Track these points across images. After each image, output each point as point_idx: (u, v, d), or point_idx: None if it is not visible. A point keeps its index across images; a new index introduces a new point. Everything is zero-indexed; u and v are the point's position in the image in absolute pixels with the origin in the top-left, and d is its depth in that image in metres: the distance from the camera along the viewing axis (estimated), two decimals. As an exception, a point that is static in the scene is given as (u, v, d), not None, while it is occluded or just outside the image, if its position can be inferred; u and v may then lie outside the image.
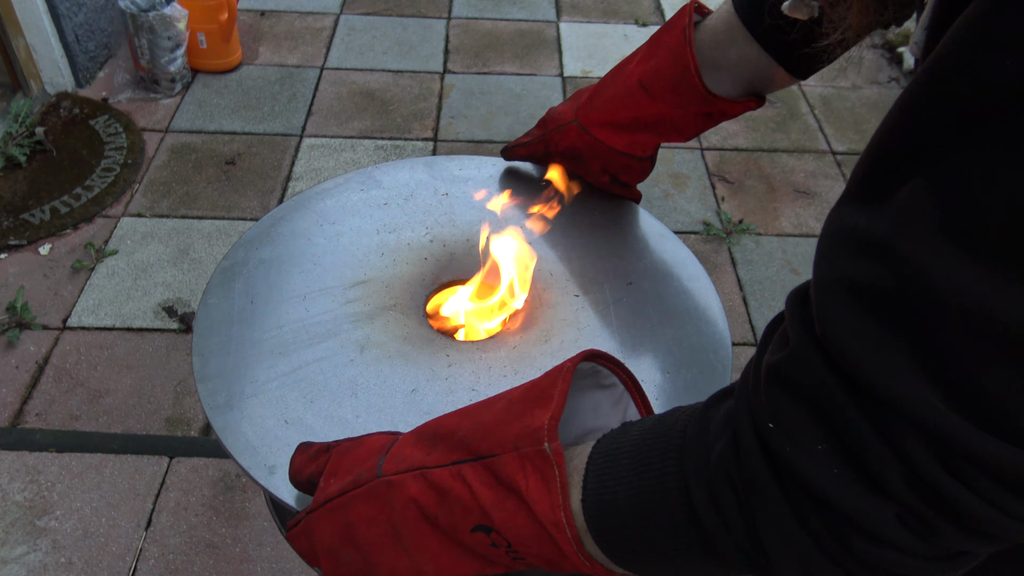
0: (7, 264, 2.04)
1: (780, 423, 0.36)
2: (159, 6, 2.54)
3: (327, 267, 0.83)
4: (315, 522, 0.55)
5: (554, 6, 3.34)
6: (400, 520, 0.50)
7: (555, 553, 0.45)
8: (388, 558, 0.52)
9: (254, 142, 2.50)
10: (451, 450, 0.49)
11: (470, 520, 0.47)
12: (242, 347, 0.74)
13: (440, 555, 0.50)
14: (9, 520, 1.50)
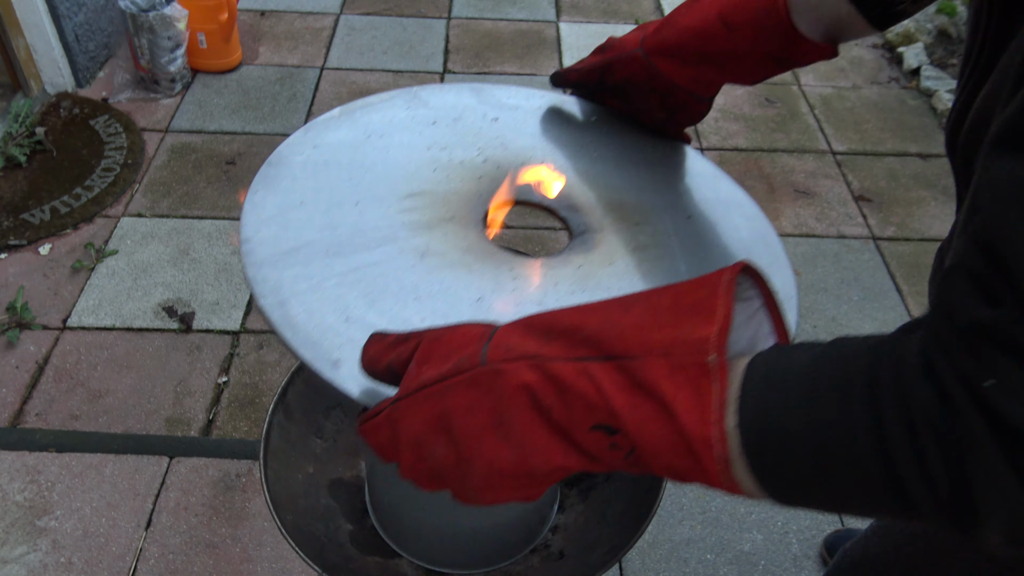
0: (7, 264, 2.04)
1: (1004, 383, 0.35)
2: (159, 6, 2.54)
3: (378, 177, 0.80)
4: (404, 409, 0.52)
5: (554, 6, 3.34)
6: (507, 408, 0.48)
7: (690, 468, 0.44)
8: (487, 448, 0.50)
9: (254, 142, 2.50)
10: (574, 346, 0.47)
11: (592, 419, 0.46)
12: (294, 245, 0.71)
13: (546, 448, 0.48)
14: (9, 520, 1.50)
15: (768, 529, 1.56)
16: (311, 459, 1.50)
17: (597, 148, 0.87)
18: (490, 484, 0.54)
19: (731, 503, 1.59)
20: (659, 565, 1.49)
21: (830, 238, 2.28)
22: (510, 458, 0.50)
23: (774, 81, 2.94)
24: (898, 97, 2.89)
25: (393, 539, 1.44)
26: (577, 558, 1.40)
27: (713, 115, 2.75)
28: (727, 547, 1.53)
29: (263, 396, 1.77)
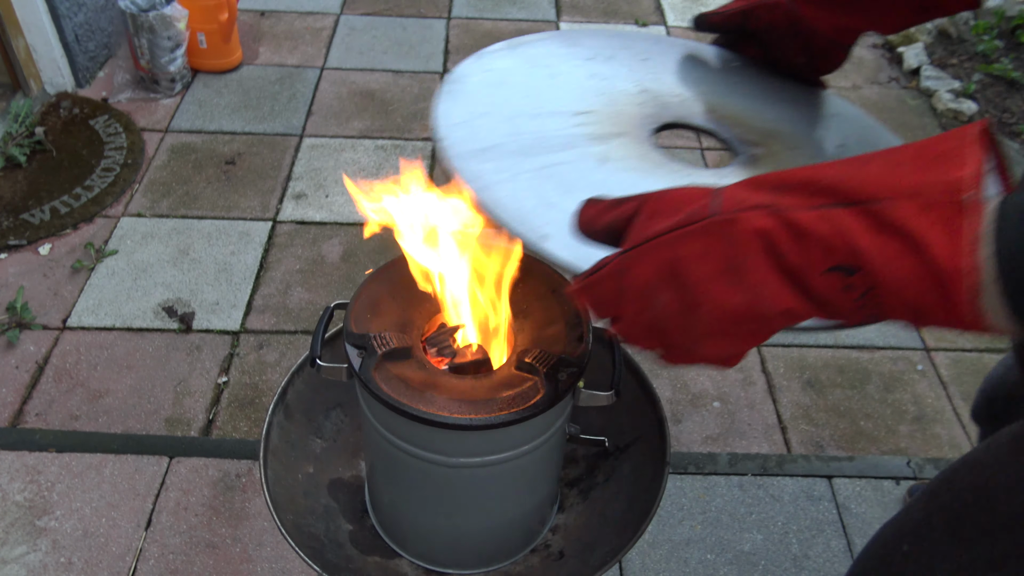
0: (7, 264, 2.04)
1: None
2: (159, 6, 2.54)
3: (549, 97, 0.89)
4: (633, 259, 0.54)
5: (554, 6, 3.34)
6: (740, 254, 0.50)
7: (932, 303, 0.46)
8: (717, 293, 0.52)
9: (254, 142, 2.50)
10: (811, 195, 0.48)
11: (829, 261, 0.48)
12: (486, 145, 0.80)
13: (777, 292, 0.50)
14: (9, 520, 1.51)
15: (768, 529, 1.56)
16: (311, 459, 1.50)
17: (744, 87, 0.92)
18: (715, 330, 0.55)
19: (731, 503, 1.59)
20: (659, 565, 1.49)
21: (830, 238, 2.28)
22: (740, 302, 0.51)
23: (774, 81, 2.94)
24: (898, 97, 2.89)
25: (393, 539, 1.44)
26: (577, 558, 1.40)
27: (713, 115, 2.75)
28: (727, 547, 1.53)
29: (263, 396, 1.77)
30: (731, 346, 0.57)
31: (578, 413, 1.57)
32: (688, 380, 1.86)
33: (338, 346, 1.53)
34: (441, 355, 1.23)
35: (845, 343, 1.96)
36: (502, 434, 1.12)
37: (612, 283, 0.56)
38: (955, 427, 1.78)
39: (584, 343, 1.17)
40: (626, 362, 1.51)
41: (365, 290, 1.25)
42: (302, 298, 2.00)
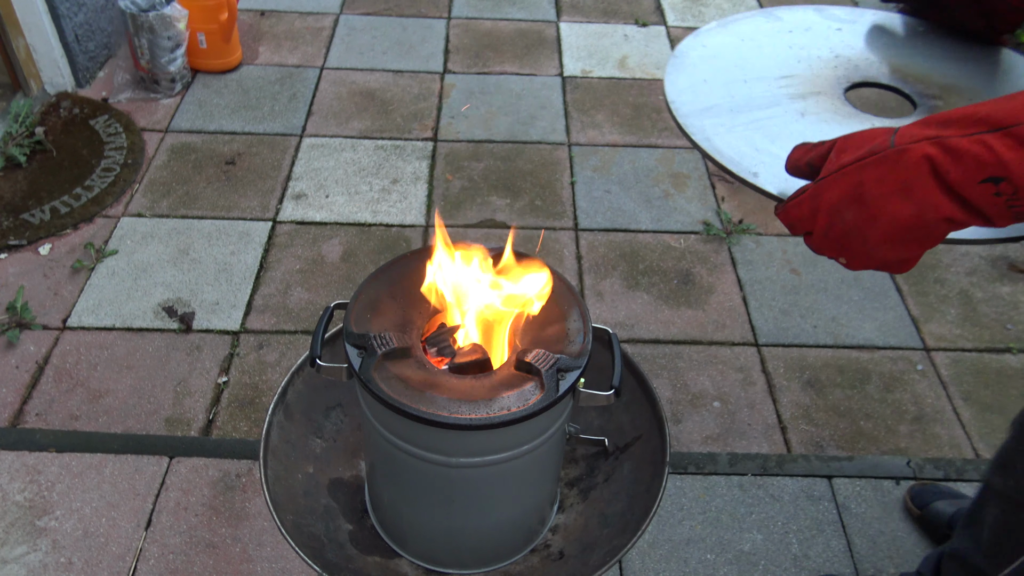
0: (7, 264, 2.04)
1: None
2: (159, 6, 2.54)
3: (756, 65, 1.11)
4: (827, 184, 0.71)
5: (554, 6, 3.34)
6: (911, 176, 0.66)
7: None
8: (892, 206, 0.68)
9: (254, 142, 2.50)
10: (968, 126, 0.63)
11: (982, 174, 0.62)
12: (707, 105, 1.03)
13: (940, 203, 0.65)
14: (9, 520, 1.51)
15: (768, 529, 1.56)
16: (311, 459, 1.50)
17: (927, 49, 1.09)
18: (890, 237, 0.71)
19: (731, 503, 1.59)
20: (659, 565, 1.49)
21: (830, 238, 2.29)
22: (911, 212, 0.67)
23: (774, 81, 2.94)
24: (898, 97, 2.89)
25: (393, 539, 1.44)
26: (577, 558, 1.40)
27: (713, 115, 2.75)
28: (727, 547, 1.53)
29: (263, 396, 1.77)
30: (905, 251, 0.73)
31: (578, 413, 1.57)
32: (688, 380, 1.86)
33: (338, 346, 1.53)
34: (441, 355, 1.23)
35: (845, 343, 1.96)
36: (502, 434, 1.12)
37: (809, 204, 0.72)
38: (955, 427, 1.78)
39: (584, 343, 1.17)
40: (626, 362, 1.51)
41: (365, 290, 1.26)
42: (302, 298, 2.00)
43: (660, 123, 2.70)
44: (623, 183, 2.43)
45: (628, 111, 2.75)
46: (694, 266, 2.16)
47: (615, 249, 2.20)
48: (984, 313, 2.07)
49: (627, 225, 2.28)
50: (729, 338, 1.97)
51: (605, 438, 1.52)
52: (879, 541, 1.55)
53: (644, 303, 2.05)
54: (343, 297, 2.01)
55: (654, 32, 3.21)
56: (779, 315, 2.04)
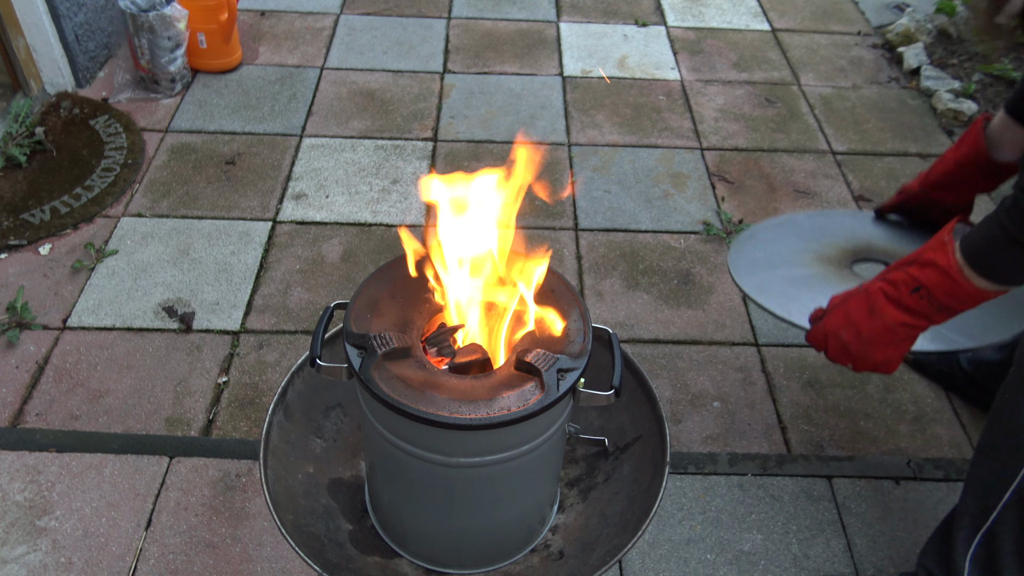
0: (7, 264, 2.04)
1: None
2: (159, 6, 2.54)
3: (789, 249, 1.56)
4: (828, 317, 1.24)
5: (554, 6, 3.34)
6: (873, 301, 1.16)
7: (950, 283, 1.07)
8: (867, 324, 1.17)
9: (254, 142, 2.50)
10: (900, 266, 1.14)
11: (910, 287, 1.11)
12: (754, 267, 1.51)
13: (892, 313, 1.14)
14: (9, 520, 1.51)
15: (768, 529, 1.56)
16: (311, 459, 1.50)
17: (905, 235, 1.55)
18: (871, 344, 1.18)
19: (731, 503, 1.59)
20: (659, 565, 1.49)
21: (830, 238, 2.29)
22: (879, 324, 1.16)
23: (774, 81, 2.94)
24: (898, 97, 2.89)
25: (393, 539, 1.44)
26: (577, 558, 1.40)
27: (713, 115, 2.75)
28: (727, 547, 1.53)
29: (263, 396, 1.77)
30: (885, 353, 1.19)
31: (578, 413, 1.57)
32: (688, 380, 1.86)
33: (338, 346, 1.53)
34: (441, 355, 1.23)
35: (845, 343, 1.96)
36: (502, 434, 1.12)
37: (819, 331, 1.25)
38: (955, 427, 1.78)
39: (584, 343, 1.17)
40: (626, 362, 1.51)
41: (365, 290, 1.26)
42: (302, 298, 2.00)
43: (660, 123, 2.70)
44: (623, 183, 2.43)
45: (628, 111, 2.75)
46: (694, 266, 2.16)
47: (615, 249, 2.20)
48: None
49: (627, 225, 2.28)
50: (729, 338, 1.97)
51: (605, 438, 1.52)
52: (879, 541, 1.55)
53: (644, 303, 2.05)
54: (343, 297, 2.01)
55: (654, 32, 3.21)
56: (779, 315, 2.04)
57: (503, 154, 2.52)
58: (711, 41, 3.17)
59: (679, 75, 2.95)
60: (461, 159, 2.49)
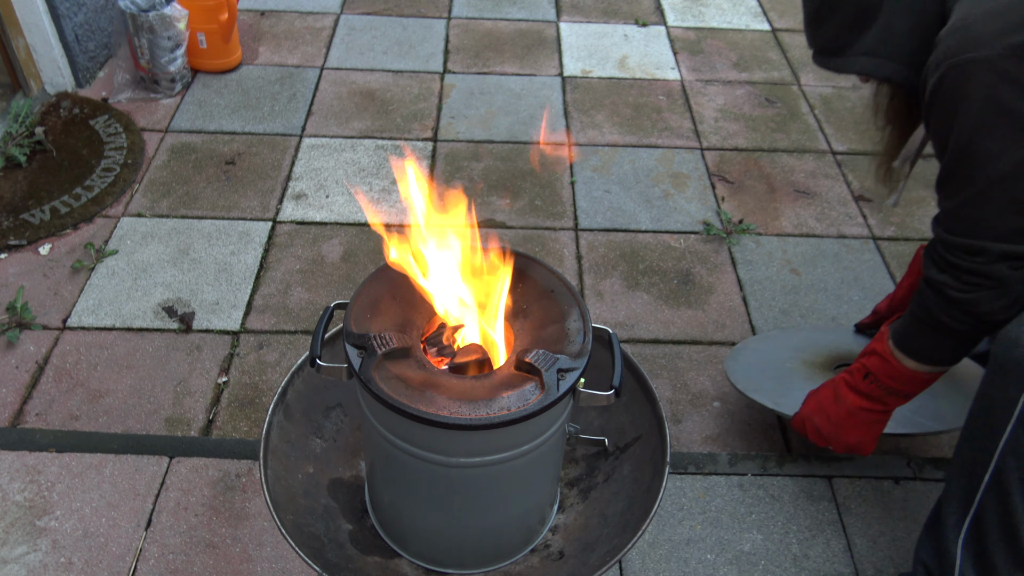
0: (7, 264, 2.04)
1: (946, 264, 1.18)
2: (159, 6, 2.54)
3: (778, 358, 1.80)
4: (804, 404, 1.49)
5: (554, 6, 3.34)
6: (838, 390, 1.41)
7: (889, 367, 1.31)
8: (834, 409, 1.42)
9: (254, 142, 2.50)
10: (857, 359, 1.39)
11: (862, 373, 1.36)
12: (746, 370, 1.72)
13: (852, 398, 1.39)
14: (9, 520, 1.51)
15: (768, 529, 1.56)
16: (311, 459, 1.50)
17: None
18: (841, 426, 1.42)
19: (731, 503, 1.59)
20: (659, 565, 1.49)
21: (830, 238, 2.29)
22: (844, 409, 1.40)
23: (774, 81, 2.94)
24: (898, 97, 2.89)
25: (393, 539, 1.44)
26: (577, 558, 1.40)
27: (713, 115, 2.75)
28: (727, 547, 1.53)
29: (263, 396, 1.77)
30: (855, 435, 1.42)
31: (578, 413, 1.57)
32: (688, 380, 1.86)
33: (338, 346, 1.53)
34: (441, 355, 1.23)
35: (845, 343, 1.96)
36: (502, 434, 1.12)
37: (799, 418, 1.50)
38: (955, 427, 1.78)
39: (584, 343, 1.17)
40: (626, 362, 1.51)
41: (365, 290, 1.26)
42: (302, 298, 2.00)
43: (660, 123, 2.70)
44: (623, 183, 2.43)
45: (628, 111, 2.75)
46: (694, 266, 2.16)
47: (615, 249, 2.20)
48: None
49: (627, 225, 2.28)
50: (729, 338, 1.97)
51: (605, 438, 1.53)
52: (879, 541, 1.55)
53: (644, 303, 2.05)
54: (343, 297, 2.01)
55: (654, 32, 3.21)
56: (779, 315, 2.04)
57: (503, 154, 2.52)
58: (711, 41, 3.17)
59: (679, 75, 2.95)
60: (461, 159, 2.49)
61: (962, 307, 1.16)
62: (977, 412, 1.20)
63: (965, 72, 1.03)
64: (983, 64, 1.01)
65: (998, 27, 1.02)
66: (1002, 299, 1.13)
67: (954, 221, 1.14)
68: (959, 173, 1.09)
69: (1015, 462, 1.12)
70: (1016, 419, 1.11)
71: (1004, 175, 1.04)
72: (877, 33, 1.18)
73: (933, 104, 1.09)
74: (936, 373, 1.30)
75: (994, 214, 1.08)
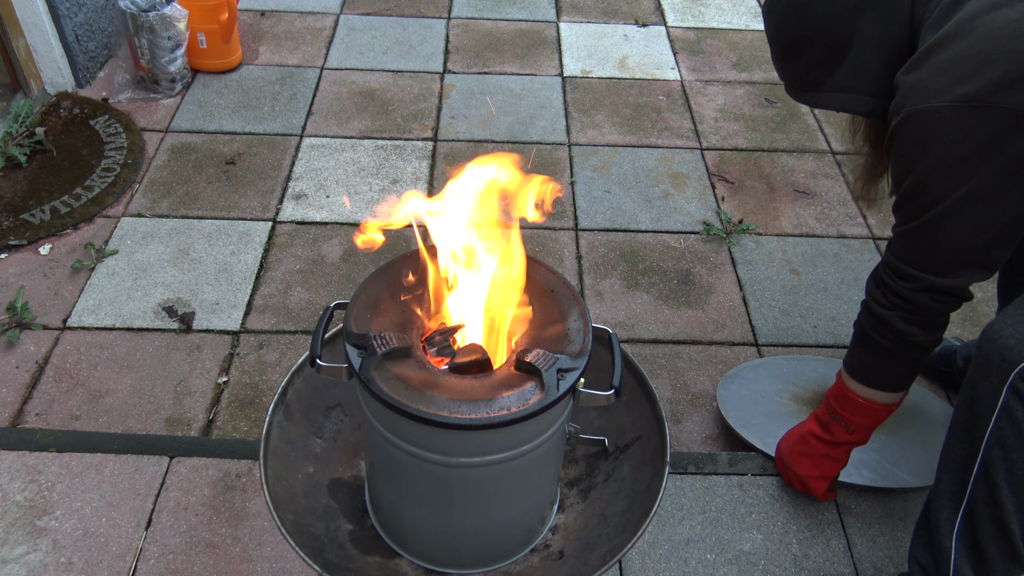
0: (7, 264, 2.04)
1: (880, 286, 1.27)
2: (159, 6, 2.54)
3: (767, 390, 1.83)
4: (779, 449, 1.58)
5: (554, 6, 3.34)
6: (806, 431, 1.48)
7: (839, 390, 1.39)
8: (793, 433, 1.54)
9: (254, 142, 2.50)
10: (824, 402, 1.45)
11: (828, 415, 1.42)
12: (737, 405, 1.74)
13: (808, 424, 1.48)
14: (9, 520, 1.51)
15: (768, 529, 1.56)
16: (311, 459, 1.50)
17: None
18: (793, 454, 1.52)
19: (731, 503, 1.59)
20: (659, 565, 1.49)
21: (830, 238, 2.29)
22: (796, 433, 1.53)
23: (774, 81, 2.94)
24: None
25: (393, 539, 1.44)
26: (577, 558, 1.40)
27: (713, 115, 2.75)
28: (727, 547, 1.53)
29: (263, 396, 1.77)
30: (804, 465, 1.51)
31: (578, 413, 1.57)
32: (688, 380, 1.86)
33: (338, 346, 1.53)
34: (441, 355, 1.23)
35: (845, 343, 1.96)
36: (502, 434, 1.12)
37: (778, 459, 1.60)
38: (955, 427, 1.78)
39: (584, 343, 1.17)
40: (626, 362, 1.51)
41: (365, 290, 1.26)
42: (302, 298, 2.00)
43: (660, 123, 2.70)
44: (623, 183, 2.43)
45: (628, 111, 2.75)
46: (694, 266, 2.16)
47: (615, 249, 2.20)
48: (984, 313, 2.08)
49: (627, 225, 2.28)
50: (729, 338, 1.97)
51: (605, 438, 1.53)
52: (879, 541, 1.55)
53: (644, 303, 2.05)
54: (343, 297, 2.01)
55: (654, 32, 3.21)
56: (779, 315, 2.04)
57: (503, 154, 2.52)
58: (711, 41, 3.17)
59: (679, 75, 2.95)
60: (461, 159, 2.49)
61: (881, 323, 1.24)
62: (963, 405, 1.21)
63: (920, 122, 1.09)
64: (935, 115, 1.07)
65: (949, 78, 1.06)
66: (914, 324, 1.22)
67: (899, 245, 1.21)
68: (909, 206, 1.16)
69: (1000, 452, 1.15)
70: (1000, 409, 1.14)
71: (944, 215, 1.11)
72: (849, 69, 1.23)
73: (892, 145, 1.16)
74: (880, 405, 1.35)
75: (931, 248, 1.16)
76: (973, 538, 1.21)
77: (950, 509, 1.24)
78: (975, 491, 1.19)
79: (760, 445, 1.64)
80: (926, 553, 1.30)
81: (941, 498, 1.25)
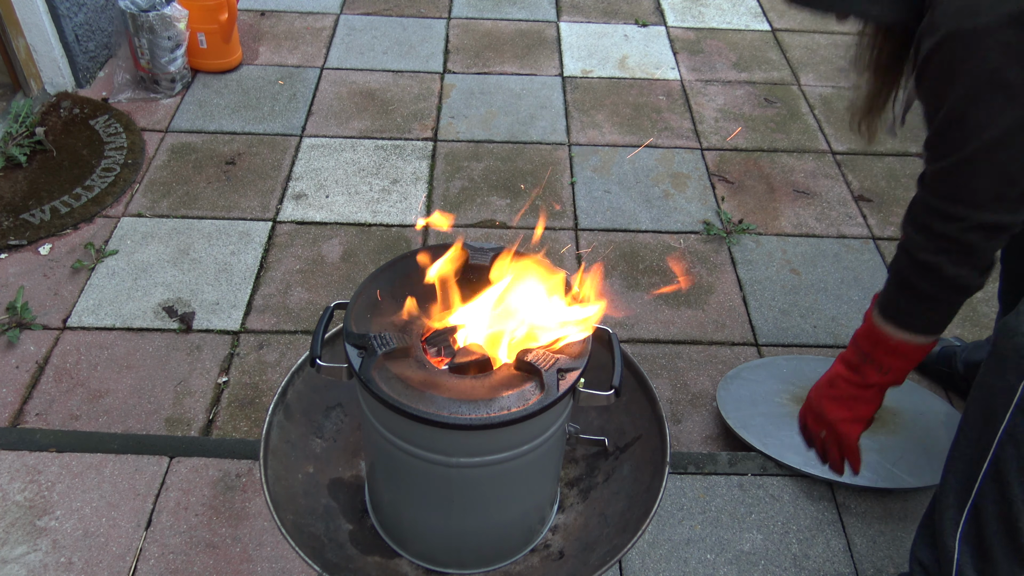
0: (7, 264, 2.04)
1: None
2: (159, 6, 2.54)
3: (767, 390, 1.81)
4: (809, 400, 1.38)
5: (554, 6, 3.34)
6: (834, 374, 1.33)
7: (869, 329, 1.25)
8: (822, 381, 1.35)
9: (254, 142, 2.50)
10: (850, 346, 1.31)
11: (859, 357, 1.28)
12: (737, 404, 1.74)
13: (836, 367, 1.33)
14: (9, 520, 1.51)
15: (768, 529, 1.56)
16: (311, 459, 1.50)
17: None
18: (823, 397, 1.35)
19: (731, 503, 1.59)
20: (659, 565, 1.49)
21: (830, 238, 2.29)
22: (826, 378, 1.35)
23: (774, 81, 2.94)
24: (898, 97, 2.89)
25: (393, 539, 1.44)
26: (577, 558, 1.40)
27: (713, 115, 2.75)
28: (727, 547, 1.53)
29: (263, 396, 1.77)
30: (834, 409, 1.34)
31: (578, 413, 1.57)
32: (688, 380, 1.86)
33: (338, 346, 1.53)
34: (441, 355, 1.23)
35: (844, 343, 1.96)
36: (502, 434, 1.12)
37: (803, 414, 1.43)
38: (955, 427, 1.78)
39: (584, 343, 1.17)
40: (626, 362, 1.51)
41: (365, 290, 1.26)
42: (302, 298, 2.00)
43: (660, 123, 2.70)
44: (623, 183, 2.43)
45: (628, 111, 2.75)
46: (694, 266, 2.16)
47: (615, 249, 2.20)
48: (984, 313, 2.08)
49: (627, 225, 2.28)
50: (729, 338, 1.97)
51: (605, 438, 1.53)
52: (879, 541, 1.55)
53: (644, 303, 2.05)
54: (343, 297, 2.01)
55: (654, 32, 3.21)
56: (779, 315, 2.04)
57: (503, 154, 2.52)
58: (711, 41, 3.17)
59: (679, 75, 2.95)
60: (461, 159, 2.49)
61: (928, 269, 1.14)
62: (975, 404, 1.19)
63: (963, 42, 1.00)
64: (981, 35, 0.98)
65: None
66: (965, 266, 1.12)
67: (938, 183, 1.11)
68: (948, 138, 1.06)
69: (1014, 450, 1.13)
70: (1015, 407, 1.11)
71: (992, 144, 1.03)
72: None
73: (927, 68, 1.06)
74: (915, 346, 1.22)
75: (978, 181, 1.06)
76: (978, 537, 1.20)
77: (955, 508, 1.22)
78: (983, 489, 1.18)
79: (760, 446, 1.63)
80: (928, 553, 1.30)
81: (946, 497, 1.24)
